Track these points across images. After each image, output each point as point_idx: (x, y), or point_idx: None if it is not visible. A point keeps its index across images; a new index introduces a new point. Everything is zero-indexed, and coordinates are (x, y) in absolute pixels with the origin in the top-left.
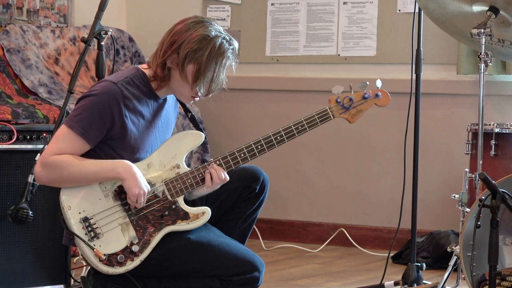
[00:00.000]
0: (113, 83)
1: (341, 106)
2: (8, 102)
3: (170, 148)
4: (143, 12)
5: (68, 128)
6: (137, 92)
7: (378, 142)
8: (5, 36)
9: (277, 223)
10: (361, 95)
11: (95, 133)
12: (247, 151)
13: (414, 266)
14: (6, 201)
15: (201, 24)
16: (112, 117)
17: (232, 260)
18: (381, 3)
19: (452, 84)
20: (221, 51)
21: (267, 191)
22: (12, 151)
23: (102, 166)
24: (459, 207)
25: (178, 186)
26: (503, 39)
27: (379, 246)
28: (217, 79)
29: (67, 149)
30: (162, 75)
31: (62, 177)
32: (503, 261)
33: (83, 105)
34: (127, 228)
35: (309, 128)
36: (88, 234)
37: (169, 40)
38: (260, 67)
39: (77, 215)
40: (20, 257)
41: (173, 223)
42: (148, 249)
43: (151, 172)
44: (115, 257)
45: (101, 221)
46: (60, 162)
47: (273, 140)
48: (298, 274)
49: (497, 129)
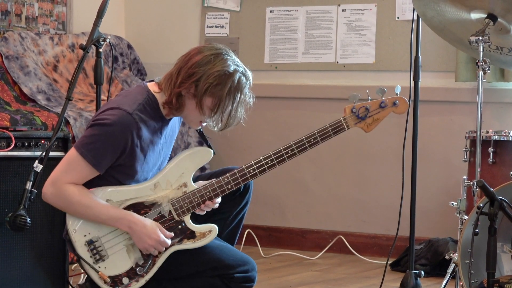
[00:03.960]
0: (129, 113)
1: (356, 116)
2: (6, 109)
3: (178, 167)
4: (142, 19)
5: (80, 155)
6: (148, 119)
7: (377, 149)
8: (4, 43)
9: (276, 230)
10: (378, 104)
11: (106, 163)
12: (256, 167)
13: (413, 273)
14: (4, 208)
15: (220, 57)
16: (124, 147)
17: (233, 260)
18: (379, 11)
19: (451, 91)
20: (240, 87)
21: (252, 191)
22: (10, 158)
23: (109, 215)
24: (457, 215)
25: (185, 205)
26: (502, 47)
27: (378, 253)
28: (235, 114)
29: (79, 177)
30: (176, 104)
31: (68, 209)
32: (501, 268)
33: (96, 134)
34: (132, 249)
35: (321, 141)
36: (93, 257)
37: (187, 71)
38: (258, 74)
39: (82, 238)
40: (17, 264)
41: (179, 242)
42: (153, 269)
43: (158, 191)
44: (120, 279)
45: (107, 243)
46: (70, 197)
47: (284, 155)
48: (296, 282)
49: (495, 137)
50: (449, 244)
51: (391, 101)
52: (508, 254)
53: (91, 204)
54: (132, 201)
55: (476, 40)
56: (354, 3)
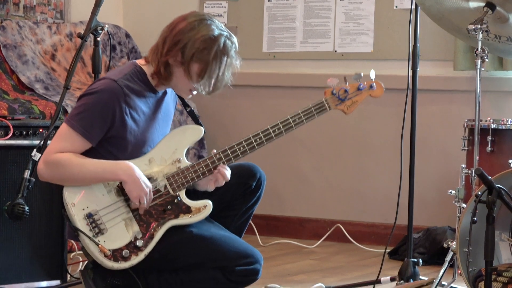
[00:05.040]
0: (114, 80)
1: (336, 98)
2: (4, 98)
3: (171, 143)
4: (140, 8)
5: (70, 127)
6: (137, 87)
7: (375, 138)
8: (2, 32)
9: (274, 219)
10: (356, 87)
11: (96, 132)
12: (246, 144)
13: (411, 262)
14: (2, 197)
15: (204, 22)
16: (113, 115)
17: (235, 253)
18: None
19: (449, 80)
20: (226, 51)
21: (264, 188)
22: (8, 146)
23: (103, 167)
24: (456, 203)
25: (179, 180)
26: (500, 35)
27: (376, 242)
28: (222, 77)
29: (69, 147)
30: (164, 73)
31: (63, 176)
32: (499, 256)
33: (84, 103)
34: (130, 223)
35: (306, 120)
36: (92, 230)
37: (173, 39)
38: (257, 63)
39: (80, 211)
40: (16, 253)
41: (176, 217)
42: (152, 244)
43: (153, 167)
44: (120, 253)
45: (105, 216)
46: (61, 161)
47: (271, 133)
48: (294, 270)
49: (494, 125)
50: (447, 232)
51: (368, 84)
52: (506, 242)
53: (84, 162)
54: None
55: (475, 29)
56: None
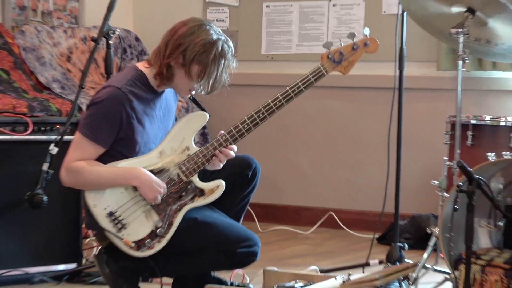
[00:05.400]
0: (118, 88)
1: (332, 61)
2: (24, 97)
3: (178, 133)
4: (149, 13)
5: (83, 135)
6: (139, 92)
7: (365, 133)
8: (21, 36)
9: (272, 208)
10: (351, 47)
11: (105, 137)
12: (249, 121)
13: (397, 246)
14: (22, 188)
15: (203, 27)
16: (120, 120)
17: (236, 237)
18: (367, 5)
19: (433, 79)
20: (224, 54)
21: (259, 177)
22: (28, 141)
23: (117, 175)
24: (439, 193)
25: (190, 166)
26: (479, 38)
27: (365, 228)
28: (220, 78)
29: (85, 154)
30: (166, 74)
31: (83, 182)
32: (478, 241)
33: (91, 113)
34: (150, 214)
35: (305, 88)
36: (115, 227)
37: (174, 43)
38: (256, 64)
39: (102, 211)
40: (36, 239)
41: (191, 200)
42: (172, 229)
43: (164, 158)
44: (143, 242)
45: (125, 212)
46: (79, 169)
47: (272, 106)
48: (291, 254)
49: (474, 121)
50: (431, 219)
51: (362, 42)
52: (485, 228)
53: (99, 170)
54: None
55: (456, 32)
56: None
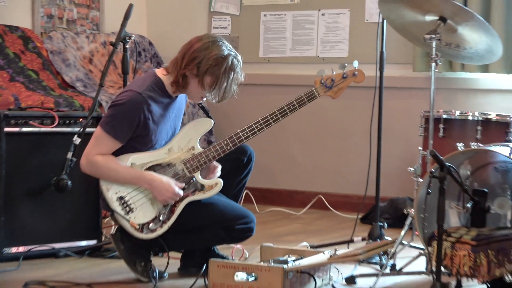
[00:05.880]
0: (139, 93)
1: (324, 86)
2: (51, 94)
3: (186, 134)
4: (161, 21)
5: (103, 131)
6: (157, 96)
7: (349, 126)
8: (49, 41)
9: (268, 192)
10: (341, 75)
11: (124, 135)
12: (248, 130)
13: (378, 225)
14: (49, 174)
15: (216, 43)
16: (138, 121)
17: (234, 215)
18: (352, 15)
19: (409, 79)
20: (233, 67)
21: (253, 162)
22: (54, 133)
23: (131, 176)
24: (414, 178)
25: (194, 164)
26: (450, 43)
27: (350, 209)
28: (229, 89)
29: (104, 148)
30: (182, 83)
31: (100, 175)
32: (448, 221)
33: (113, 113)
34: (155, 201)
35: (299, 107)
36: (124, 210)
37: (190, 56)
38: (254, 66)
39: (114, 195)
40: (61, 219)
41: (193, 194)
42: (173, 217)
43: (171, 155)
44: (147, 226)
45: (134, 198)
46: (99, 164)
47: (269, 120)
48: (284, 232)
49: (445, 116)
50: (407, 202)
51: (351, 73)
52: (454, 209)
53: (117, 168)
54: (152, 163)
55: (430, 38)
56: (331, 8)
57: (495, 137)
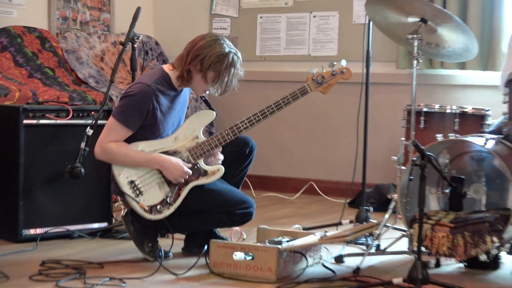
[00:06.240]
0: (148, 85)
1: (315, 82)
2: (66, 89)
3: (191, 125)
4: (166, 23)
5: (116, 120)
6: (164, 89)
7: (339, 118)
8: (64, 41)
9: (264, 178)
10: (330, 73)
11: (135, 123)
12: (247, 122)
13: (364, 209)
14: (64, 162)
15: (218, 42)
16: (147, 111)
17: (235, 200)
18: (341, 17)
19: (393, 76)
20: (234, 64)
21: (254, 153)
22: (68, 125)
23: (143, 158)
24: (397, 166)
25: (198, 151)
26: (430, 42)
27: (339, 195)
28: (230, 83)
29: (117, 136)
30: (186, 77)
31: (113, 160)
32: (428, 205)
33: (125, 103)
34: (162, 185)
35: (293, 101)
36: (134, 192)
37: (194, 53)
38: (252, 63)
39: (125, 179)
40: (74, 203)
41: (197, 179)
42: (179, 200)
43: (177, 143)
44: (155, 207)
45: (143, 182)
46: (112, 150)
47: (266, 112)
48: (279, 215)
49: (425, 109)
50: (391, 187)
51: (340, 70)
52: (434, 195)
53: (129, 153)
54: (159, 150)
55: (412, 38)
56: (322, 11)
57: (471, 128)
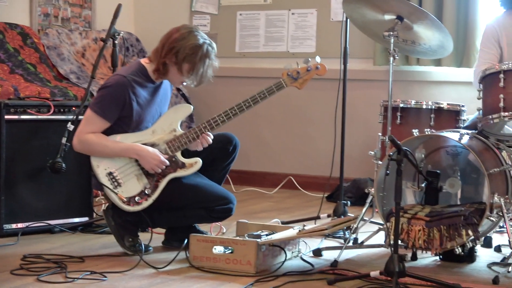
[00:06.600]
0: (124, 76)
1: (291, 78)
2: (47, 85)
3: (168, 118)
4: (147, 19)
5: (93, 112)
6: (141, 80)
7: (317, 114)
8: (45, 37)
9: (244, 173)
10: (305, 69)
11: (112, 114)
12: (224, 115)
13: (342, 203)
14: (45, 157)
15: (192, 33)
16: (123, 102)
17: (215, 196)
18: (319, 14)
19: (370, 72)
20: (208, 55)
21: (238, 151)
22: (50, 120)
23: (121, 149)
24: (374, 161)
25: (175, 144)
26: (406, 39)
27: (317, 189)
28: (205, 74)
29: (94, 128)
30: (162, 70)
31: (91, 151)
32: (405, 199)
33: (102, 95)
34: (141, 177)
35: (269, 95)
36: (112, 184)
37: (169, 46)
38: (231, 60)
39: (103, 171)
40: (56, 198)
41: (174, 171)
42: (157, 192)
43: (155, 136)
44: (134, 199)
45: (122, 174)
46: (89, 141)
47: (243, 106)
48: (258, 210)
49: (402, 104)
50: (368, 182)
51: (314, 66)
52: (410, 189)
53: (106, 143)
54: (138, 143)
55: (388, 35)
56: (300, 8)
57: (446, 124)
